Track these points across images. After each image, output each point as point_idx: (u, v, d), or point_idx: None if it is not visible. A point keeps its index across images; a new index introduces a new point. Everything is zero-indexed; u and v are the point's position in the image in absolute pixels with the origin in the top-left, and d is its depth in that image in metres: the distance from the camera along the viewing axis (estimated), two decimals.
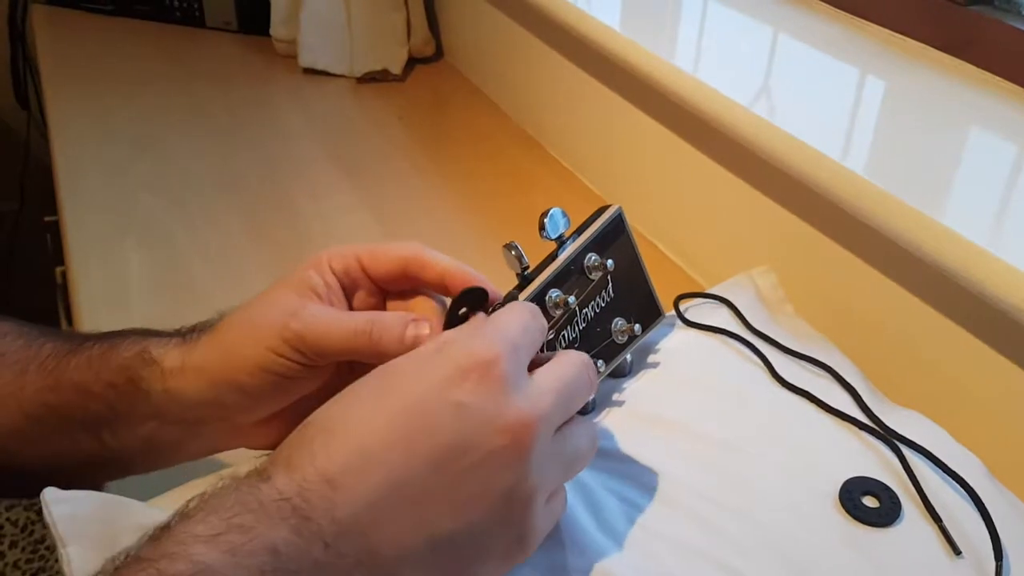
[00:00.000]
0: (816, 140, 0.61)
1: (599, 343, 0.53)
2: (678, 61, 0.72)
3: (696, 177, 0.76)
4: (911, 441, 0.52)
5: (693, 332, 0.60)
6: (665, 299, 0.64)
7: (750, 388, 0.56)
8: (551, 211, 0.49)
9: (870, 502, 0.48)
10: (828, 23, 0.80)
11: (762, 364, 0.57)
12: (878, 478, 0.50)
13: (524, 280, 0.49)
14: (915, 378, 0.59)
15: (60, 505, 0.43)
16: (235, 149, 0.93)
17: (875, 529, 0.47)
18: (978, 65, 0.70)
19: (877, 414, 0.54)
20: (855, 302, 0.63)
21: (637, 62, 0.75)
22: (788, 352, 0.59)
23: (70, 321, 0.72)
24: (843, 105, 0.67)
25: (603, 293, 0.53)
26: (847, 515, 0.47)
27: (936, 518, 0.47)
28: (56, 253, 0.91)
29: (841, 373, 0.57)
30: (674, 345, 0.59)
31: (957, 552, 0.46)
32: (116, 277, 0.74)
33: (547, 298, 0.49)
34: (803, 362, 0.59)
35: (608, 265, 0.52)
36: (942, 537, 0.46)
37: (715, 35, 0.79)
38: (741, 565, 0.44)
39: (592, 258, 0.52)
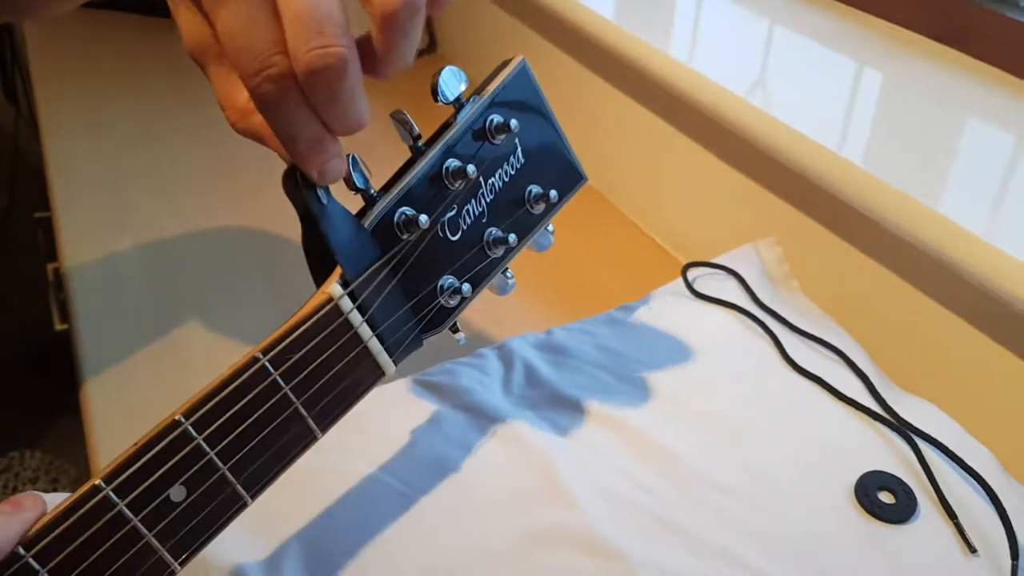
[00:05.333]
0: (813, 131, 0.61)
1: (510, 215, 0.47)
2: (673, 52, 0.72)
3: (692, 168, 0.76)
4: (926, 434, 0.51)
5: (703, 304, 0.60)
6: (657, 285, 0.64)
7: (762, 370, 0.56)
8: (443, 69, 0.44)
9: (886, 498, 0.48)
10: (825, 15, 0.80)
11: (772, 344, 0.57)
12: (892, 471, 0.49)
13: (417, 152, 0.44)
14: (913, 369, 0.59)
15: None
16: (227, 142, 0.93)
17: (891, 526, 0.46)
18: (975, 56, 0.70)
19: (890, 403, 0.53)
20: (852, 292, 0.63)
21: (633, 53, 0.75)
22: (798, 332, 0.59)
23: (64, 318, 0.72)
24: (840, 96, 0.67)
25: (511, 159, 0.47)
26: (863, 511, 0.47)
27: (952, 515, 0.47)
28: (48, 249, 0.90)
29: (851, 357, 0.57)
30: (685, 317, 0.59)
31: (973, 550, 0.45)
32: (110, 273, 0.73)
33: (444, 168, 0.44)
34: (813, 343, 0.58)
35: (512, 126, 0.46)
36: (957, 534, 0.46)
37: (711, 26, 0.79)
38: (756, 560, 0.44)
39: (494, 119, 0.46)
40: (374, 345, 0.41)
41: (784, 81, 0.69)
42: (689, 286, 0.61)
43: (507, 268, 0.48)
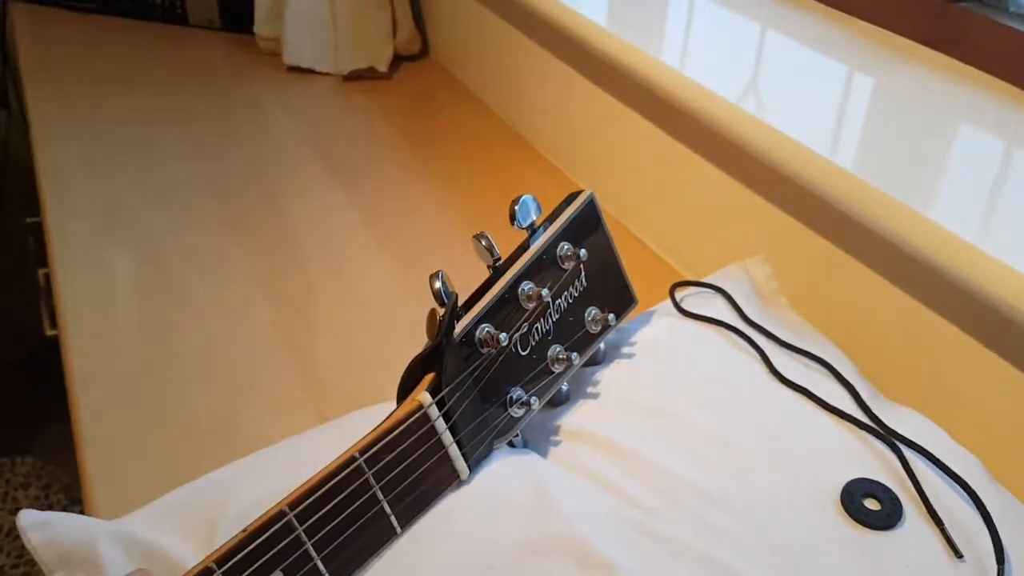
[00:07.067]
0: (805, 136, 0.61)
1: (573, 334, 0.52)
2: (665, 57, 0.72)
3: (685, 173, 0.76)
4: (912, 442, 0.51)
5: (690, 322, 0.60)
6: (654, 294, 0.64)
7: (748, 383, 0.56)
8: (522, 199, 0.49)
9: (871, 504, 0.48)
10: (816, 20, 0.80)
11: (759, 358, 0.57)
12: (878, 479, 0.49)
13: (496, 272, 0.48)
14: (905, 375, 0.59)
15: (37, 532, 0.43)
16: (220, 148, 0.93)
17: (877, 532, 0.47)
18: (966, 61, 0.70)
19: (876, 412, 0.53)
20: (844, 298, 0.63)
21: (624, 58, 0.75)
22: (784, 345, 0.59)
23: (54, 324, 0.71)
24: (831, 101, 0.67)
25: (576, 283, 0.52)
26: (849, 518, 0.47)
27: (937, 521, 0.47)
28: (38, 255, 0.90)
29: (838, 368, 0.57)
30: (672, 335, 0.59)
31: (959, 555, 0.45)
32: (101, 279, 0.73)
33: (520, 291, 0.48)
34: (799, 356, 0.58)
35: (581, 255, 0.51)
36: (943, 540, 0.46)
37: (703, 32, 0.79)
38: (744, 568, 0.44)
39: (565, 247, 0.51)
40: (454, 451, 0.44)
41: (776, 86, 0.70)
42: (677, 305, 0.62)
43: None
